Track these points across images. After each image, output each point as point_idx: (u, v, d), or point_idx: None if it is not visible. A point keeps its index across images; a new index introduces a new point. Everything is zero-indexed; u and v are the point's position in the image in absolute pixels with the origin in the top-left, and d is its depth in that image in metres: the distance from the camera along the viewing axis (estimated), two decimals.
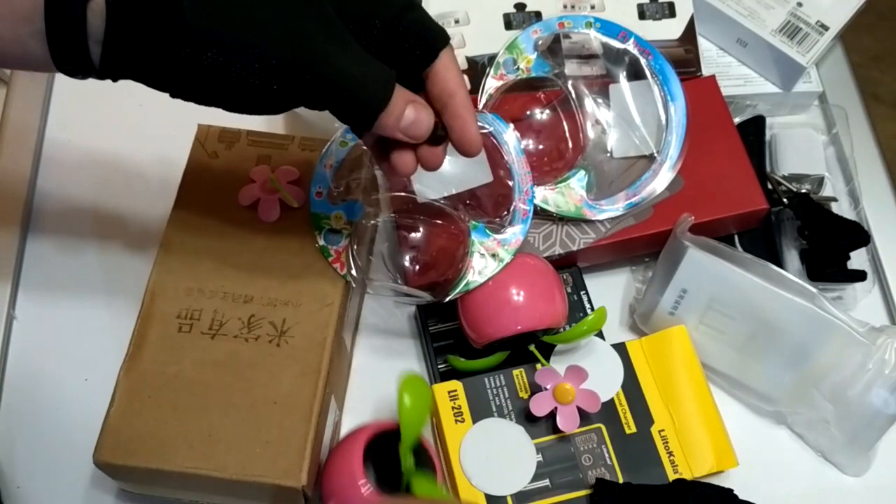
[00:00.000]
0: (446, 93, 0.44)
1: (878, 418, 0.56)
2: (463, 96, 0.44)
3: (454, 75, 0.44)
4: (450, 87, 0.43)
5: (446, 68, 0.43)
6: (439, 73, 0.43)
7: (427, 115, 0.43)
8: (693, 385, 0.58)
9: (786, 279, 0.58)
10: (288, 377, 0.52)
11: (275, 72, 0.39)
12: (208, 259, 0.56)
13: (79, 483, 0.57)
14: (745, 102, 0.70)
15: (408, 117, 0.42)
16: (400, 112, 0.42)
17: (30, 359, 0.62)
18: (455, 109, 0.44)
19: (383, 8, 0.42)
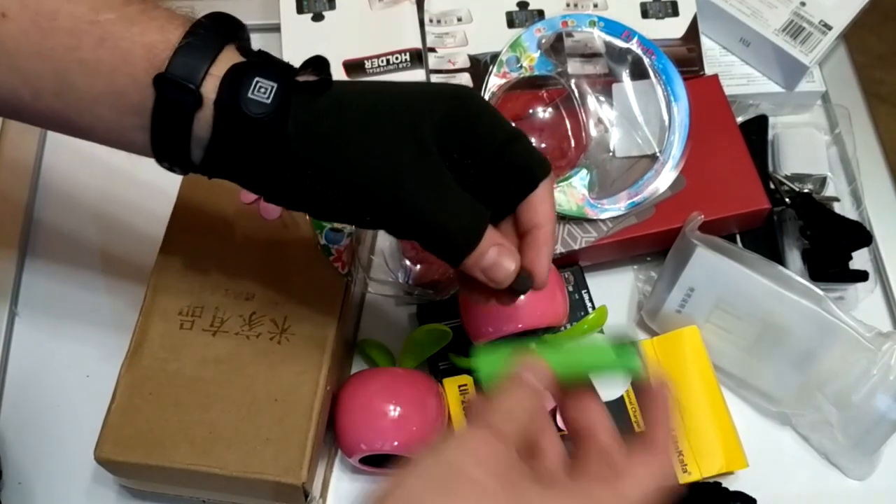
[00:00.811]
0: (534, 223, 0.43)
1: (882, 423, 0.56)
2: (548, 231, 0.43)
3: (547, 207, 0.43)
4: (539, 218, 0.43)
5: (542, 200, 0.43)
6: (533, 203, 0.43)
7: (509, 262, 0.42)
8: (704, 385, 0.58)
9: (793, 281, 0.58)
10: (289, 374, 0.52)
11: (369, 206, 0.40)
12: (210, 256, 0.56)
13: (80, 479, 0.57)
14: (748, 102, 0.70)
15: (489, 258, 0.41)
16: (483, 253, 0.41)
17: (31, 355, 0.62)
18: (536, 240, 0.43)
19: (487, 141, 0.42)
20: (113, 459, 0.50)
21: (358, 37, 0.66)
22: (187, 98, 0.38)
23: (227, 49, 0.39)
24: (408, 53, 0.65)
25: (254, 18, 0.76)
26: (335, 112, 0.40)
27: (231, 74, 0.38)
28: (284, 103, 0.38)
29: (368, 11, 0.68)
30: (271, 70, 0.39)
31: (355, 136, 0.39)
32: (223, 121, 0.38)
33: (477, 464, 0.34)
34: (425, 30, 0.69)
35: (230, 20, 0.41)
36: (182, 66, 0.38)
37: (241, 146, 0.39)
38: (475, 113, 0.42)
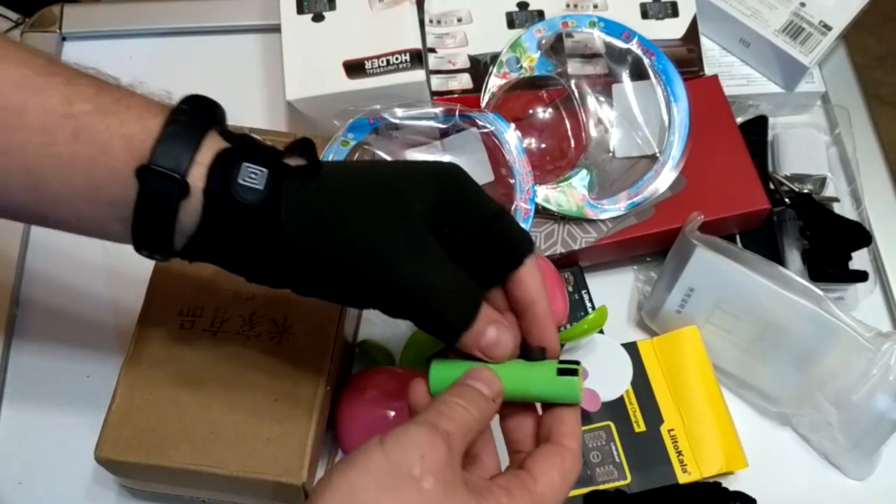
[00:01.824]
0: (527, 299, 0.43)
1: (882, 423, 0.56)
2: (544, 304, 0.43)
3: (537, 282, 0.43)
4: (531, 294, 0.42)
5: (530, 275, 0.43)
6: (522, 279, 0.42)
7: (509, 338, 0.42)
8: (704, 386, 0.58)
9: (793, 281, 0.58)
10: (289, 375, 0.52)
11: (362, 287, 0.40)
12: None
13: (80, 479, 0.57)
14: (748, 102, 0.70)
15: (489, 337, 0.41)
16: (481, 332, 0.41)
17: (32, 355, 0.62)
18: (536, 317, 0.43)
19: (474, 219, 0.42)
20: (113, 459, 0.50)
21: (358, 37, 0.66)
22: (173, 188, 0.37)
23: (210, 135, 0.39)
24: (408, 54, 0.66)
25: (254, 19, 0.77)
26: (327, 195, 0.39)
27: (219, 162, 0.38)
28: (276, 189, 0.38)
29: (368, 12, 0.68)
30: (259, 156, 0.38)
31: (348, 218, 0.39)
32: (213, 209, 0.37)
33: (421, 463, 0.35)
34: (425, 30, 0.69)
35: (209, 104, 0.40)
36: (166, 156, 0.37)
37: (231, 233, 0.38)
38: (463, 191, 0.42)
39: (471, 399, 0.39)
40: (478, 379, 0.40)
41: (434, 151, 0.63)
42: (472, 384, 0.40)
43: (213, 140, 0.38)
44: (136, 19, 0.78)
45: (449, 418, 0.38)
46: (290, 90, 0.65)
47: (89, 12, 0.79)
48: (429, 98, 0.67)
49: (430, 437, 0.36)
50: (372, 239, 0.39)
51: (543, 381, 0.41)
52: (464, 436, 0.38)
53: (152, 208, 0.37)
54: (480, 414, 0.39)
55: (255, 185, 0.37)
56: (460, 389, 0.40)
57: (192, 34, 0.77)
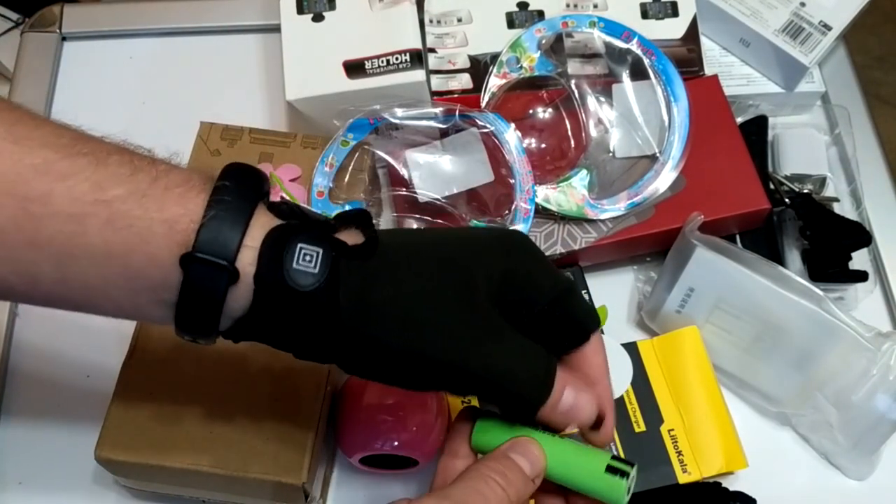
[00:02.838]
0: (591, 378, 0.41)
1: (882, 423, 0.56)
2: (607, 385, 0.41)
3: (601, 361, 0.41)
4: (595, 372, 0.41)
5: (595, 352, 0.41)
6: (587, 357, 0.41)
7: (588, 402, 0.40)
8: (704, 386, 0.58)
9: (793, 281, 0.58)
10: (289, 375, 0.52)
11: (430, 372, 0.37)
12: None
13: (80, 479, 0.57)
14: (748, 102, 0.70)
15: (567, 401, 0.39)
16: (559, 398, 0.39)
17: (32, 355, 0.62)
18: (598, 398, 0.40)
19: (541, 294, 0.39)
20: (113, 459, 0.50)
21: (358, 37, 0.66)
22: (221, 275, 0.34)
23: (259, 211, 0.36)
24: (408, 54, 0.66)
25: (254, 19, 0.77)
26: (388, 276, 0.36)
27: (270, 243, 0.35)
28: (333, 271, 0.35)
29: (368, 12, 0.68)
30: (314, 233, 0.36)
31: (413, 300, 0.36)
32: (265, 295, 0.35)
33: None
34: (425, 30, 0.69)
35: (254, 174, 0.37)
36: (212, 242, 0.34)
37: (285, 319, 0.36)
38: (528, 264, 0.40)
39: (511, 478, 0.37)
40: (523, 454, 0.38)
41: (434, 151, 0.63)
42: (515, 459, 0.38)
43: (262, 217, 0.36)
44: (136, 19, 0.78)
45: (483, 498, 0.36)
46: (290, 90, 0.65)
47: (89, 12, 0.79)
48: (429, 98, 0.67)
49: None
50: (439, 322, 0.36)
51: (590, 472, 0.39)
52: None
53: (198, 297, 0.35)
54: (518, 496, 0.37)
55: (311, 269, 0.35)
56: (502, 464, 0.37)
57: (192, 34, 0.77)
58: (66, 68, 0.75)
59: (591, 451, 0.40)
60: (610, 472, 0.38)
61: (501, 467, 0.37)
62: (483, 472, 0.37)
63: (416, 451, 0.53)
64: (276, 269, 0.34)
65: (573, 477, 0.39)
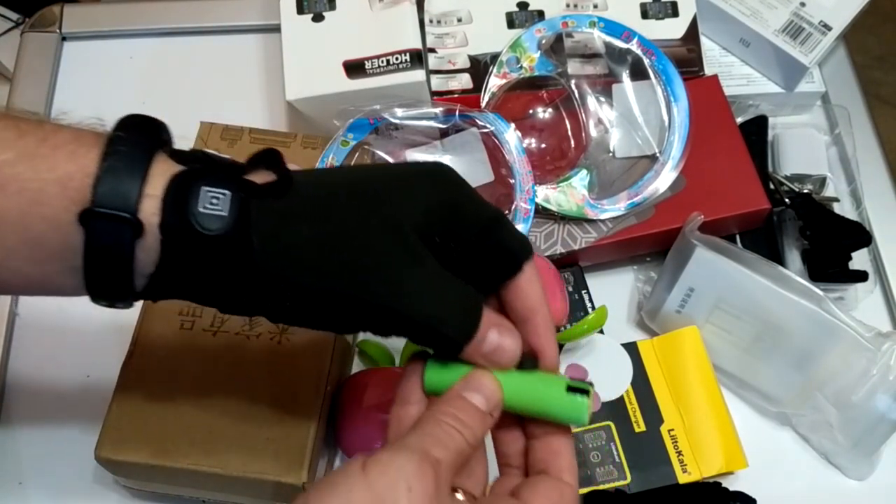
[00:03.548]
0: (527, 308, 0.39)
1: (882, 424, 0.56)
2: (545, 313, 0.39)
3: (536, 290, 0.39)
4: (531, 303, 0.39)
5: (529, 282, 0.39)
6: (521, 287, 0.39)
7: (513, 343, 0.38)
8: (704, 386, 0.58)
9: (793, 281, 0.58)
10: (289, 374, 0.52)
11: (351, 312, 0.36)
12: None
13: (80, 479, 0.57)
14: (748, 102, 0.70)
15: (491, 342, 0.38)
16: (482, 339, 0.37)
17: (32, 355, 0.62)
18: (536, 328, 0.39)
19: (469, 224, 0.38)
20: (113, 459, 0.50)
21: (358, 37, 0.66)
22: (124, 229, 0.32)
23: (158, 159, 0.34)
24: (408, 54, 0.66)
25: (254, 19, 0.77)
26: (303, 214, 0.35)
27: (173, 189, 0.33)
28: (243, 213, 0.33)
29: (368, 12, 0.68)
30: (220, 175, 0.34)
31: (330, 238, 0.35)
32: (173, 245, 0.33)
33: (408, 497, 0.31)
34: (425, 30, 0.69)
35: (151, 123, 0.35)
36: (110, 194, 0.32)
37: (196, 268, 0.34)
38: (456, 195, 0.38)
39: (467, 418, 0.36)
40: (476, 390, 0.37)
41: (434, 151, 0.63)
42: (469, 397, 0.37)
43: (162, 165, 0.34)
44: (136, 19, 0.78)
45: (441, 445, 0.34)
46: (290, 90, 0.65)
47: (89, 12, 0.79)
48: (429, 98, 0.67)
49: (418, 466, 0.32)
50: (359, 260, 0.35)
51: (551, 396, 0.38)
52: (455, 461, 0.35)
53: (104, 256, 0.33)
54: (474, 436, 0.36)
55: (219, 211, 0.33)
56: (456, 405, 0.36)
57: (192, 34, 0.77)
58: (66, 68, 0.75)
59: (547, 377, 0.39)
60: (571, 392, 0.38)
61: (454, 409, 0.36)
62: (437, 416, 0.36)
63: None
64: (181, 215, 0.33)
65: (534, 403, 0.38)
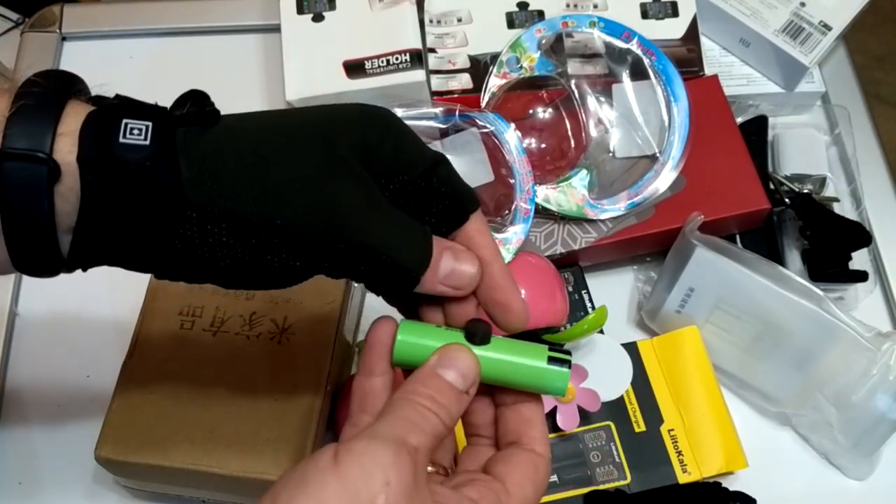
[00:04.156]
0: (481, 261, 0.37)
1: (882, 423, 0.56)
2: (501, 265, 0.37)
3: (488, 241, 0.37)
4: (484, 254, 0.37)
5: (479, 232, 0.37)
6: (471, 237, 0.37)
7: (469, 265, 0.36)
8: (704, 386, 0.58)
9: (793, 281, 0.58)
10: (289, 375, 0.52)
11: (299, 246, 0.33)
12: None
13: (80, 479, 0.57)
14: (748, 102, 0.70)
15: (446, 266, 0.36)
16: (437, 263, 0.36)
17: (32, 355, 0.62)
18: (494, 280, 0.37)
19: (413, 163, 0.36)
20: (113, 459, 0.50)
21: (358, 37, 0.67)
22: (39, 169, 0.30)
23: (72, 103, 0.32)
24: (408, 54, 0.66)
25: (254, 18, 0.77)
26: (236, 143, 0.33)
27: (90, 124, 0.31)
28: (167, 141, 0.32)
29: (368, 12, 0.68)
30: (140, 110, 0.32)
31: (268, 167, 0.33)
32: (94, 181, 0.31)
33: (386, 492, 0.30)
34: (425, 30, 0.69)
35: (66, 74, 0.34)
36: (22, 135, 0.30)
37: (121, 209, 0.32)
38: (395, 133, 0.36)
39: (443, 399, 0.34)
40: (451, 366, 0.35)
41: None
42: (444, 375, 0.34)
43: (78, 106, 0.32)
44: (136, 19, 0.78)
45: (418, 429, 0.32)
46: (290, 90, 0.65)
47: (89, 12, 0.79)
48: (429, 98, 0.67)
49: (395, 457, 0.30)
50: (301, 188, 0.33)
51: (531, 368, 0.36)
52: (433, 446, 0.33)
53: (21, 202, 0.31)
54: (451, 417, 0.34)
55: (140, 140, 0.31)
56: (431, 384, 0.34)
57: (192, 34, 0.77)
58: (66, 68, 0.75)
59: (524, 346, 0.37)
60: (552, 363, 0.36)
61: (429, 390, 0.34)
62: (410, 398, 0.33)
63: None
64: (100, 148, 0.31)
65: (513, 376, 0.36)
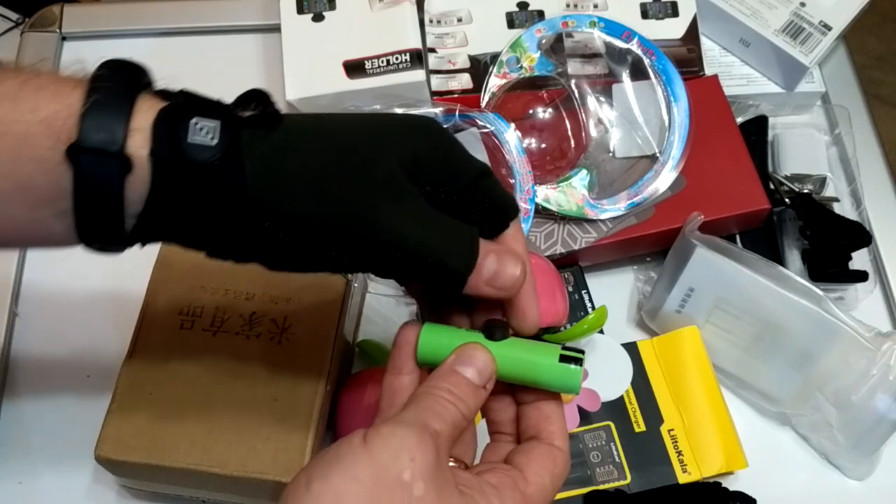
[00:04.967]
0: None
1: (882, 423, 0.56)
2: (529, 271, 0.40)
3: (522, 248, 0.40)
4: None
5: (514, 240, 0.40)
6: (507, 243, 0.40)
7: (512, 264, 0.38)
8: (704, 386, 0.58)
9: (793, 281, 0.58)
10: (289, 374, 0.52)
11: (347, 247, 0.35)
12: None
13: (80, 478, 0.57)
14: (748, 102, 0.70)
15: (490, 268, 0.38)
16: (482, 265, 0.38)
17: (32, 355, 0.62)
18: None
19: (457, 176, 0.38)
20: (113, 459, 0.50)
21: (358, 37, 0.67)
22: (112, 164, 0.32)
23: (143, 97, 0.34)
24: (408, 54, 0.66)
25: (254, 18, 0.77)
26: (295, 147, 0.35)
27: (161, 123, 0.33)
28: (234, 141, 0.33)
29: (369, 12, 0.68)
30: (208, 108, 0.34)
31: (325, 171, 0.35)
32: (163, 176, 0.33)
33: (412, 468, 0.32)
34: (425, 30, 0.69)
35: (133, 65, 0.36)
36: (97, 129, 0.32)
37: (187, 201, 0.34)
38: (445, 147, 0.39)
39: (461, 392, 0.36)
40: (469, 364, 0.37)
41: None
42: (462, 372, 0.37)
43: (148, 101, 0.34)
44: (136, 19, 0.78)
45: (439, 417, 0.35)
46: (290, 90, 0.65)
47: (89, 12, 0.79)
48: (429, 98, 0.67)
49: (419, 438, 0.33)
50: (354, 192, 0.35)
51: (544, 365, 0.38)
52: (452, 433, 0.36)
53: (93, 193, 0.33)
54: (469, 409, 0.37)
55: (208, 140, 0.33)
56: (450, 380, 0.37)
57: (192, 34, 0.77)
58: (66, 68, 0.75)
59: (539, 346, 0.39)
60: (564, 361, 0.38)
61: (448, 384, 0.37)
62: (432, 391, 0.36)
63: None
64: (171, 146, 0.33)
65: (528, 373, 0.38)
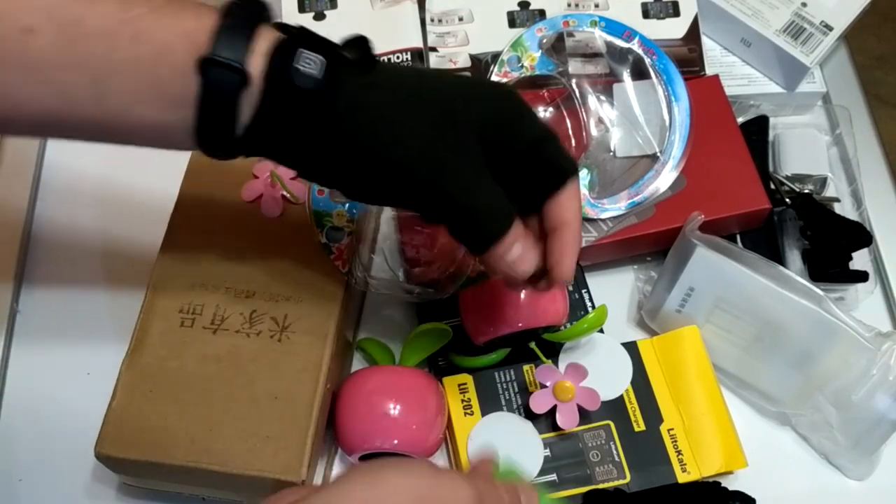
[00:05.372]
0: (561, 220, 0.44)
1: (882, 424, 0.56)
2: (576, 228, 0.44)
3: (574, 205, 0.44)
4: (567, 215, 0.44)
5: (570, 197, 0.44)
6: (562, 201, 0.44)
7: (532, 258, 0.43)
8: (704, 385, 0.58)
9: (793, 281, 0.58)
10: (289, 372, 0.52)
11: (411, 185, 0.40)
12: (211, 254, 0.56)
13: (80, 476, 0.57)
14: (749, 102, 0.70)
15: (514, 252, 0.42)
16: (509, 246, 0.42)
17: (32, 352, 0.62)
18: (563, 236, 0.44)
19: (522, 136, 0.43)
20: (113, 456, 0.50)
21: None
22: (234, 78, 0.38)
23: (264, 28, 0.40)
24: (409, 53, 0.66)
25: None
26: (383, 90, 0.40)
27: (278, 49, 0.39)
28: (333, 77, 0.39)
29: (370, 11, 0.68)
30: (316, 44, 0.39)
31: (403, 114, 0.40)
32: (273, 95, 0.38)
33: None
34: (426, 29, 0.69)
35: (258, 2, 0.41)
36: (226, 47, 0.38)
37: (288, 121, 0.39)
38: (517, 109, 0.43)
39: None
40: None
41: None
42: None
43: (268, 31, 0.39)
44: None
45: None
46: None
47: None
48: None
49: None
50: (425, 139, 0.40)
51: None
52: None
53: (215, 100, 0.38)
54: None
55: (314, 72, 0.38)
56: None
57: None
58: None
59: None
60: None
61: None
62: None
63: (416, 449, 0.53)
64: (283, 72, 0.38)
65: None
